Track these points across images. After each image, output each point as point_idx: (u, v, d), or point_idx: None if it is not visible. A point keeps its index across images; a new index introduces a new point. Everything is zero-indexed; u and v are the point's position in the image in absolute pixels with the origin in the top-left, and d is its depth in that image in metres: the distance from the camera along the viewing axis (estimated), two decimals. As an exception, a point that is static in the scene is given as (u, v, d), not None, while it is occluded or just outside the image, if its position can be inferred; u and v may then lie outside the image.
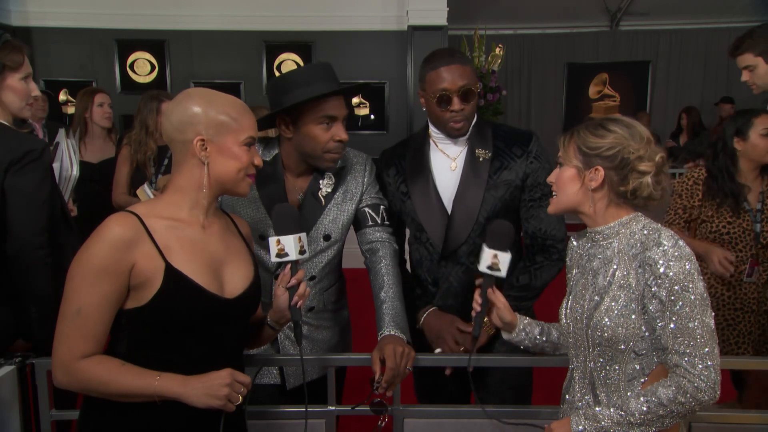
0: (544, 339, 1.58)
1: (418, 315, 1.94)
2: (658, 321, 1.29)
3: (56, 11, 5.92)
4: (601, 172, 1.35)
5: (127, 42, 6.11)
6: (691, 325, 1.26)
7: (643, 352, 1.34)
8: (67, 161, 2.90)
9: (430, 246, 1.91)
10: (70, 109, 5.95)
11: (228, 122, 1.33)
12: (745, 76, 2.76)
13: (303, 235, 1.45)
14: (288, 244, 1.43)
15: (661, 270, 1.27)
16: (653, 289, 1.29)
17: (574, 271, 1.50)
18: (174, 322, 1.29)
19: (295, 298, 1.43)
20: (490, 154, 1.88)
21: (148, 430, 1.33)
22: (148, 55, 6.17)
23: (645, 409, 1.28)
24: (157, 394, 1.26)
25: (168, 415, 1.31)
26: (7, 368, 1.67)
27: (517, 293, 1.86)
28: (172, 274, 1.27)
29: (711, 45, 8.14)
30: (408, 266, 2.06)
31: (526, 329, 1.57)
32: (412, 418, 1.77)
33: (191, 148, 1.32)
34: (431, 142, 1.95)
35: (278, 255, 1.43)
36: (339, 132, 1.71)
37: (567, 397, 1.50)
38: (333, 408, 1.75)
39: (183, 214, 1.35)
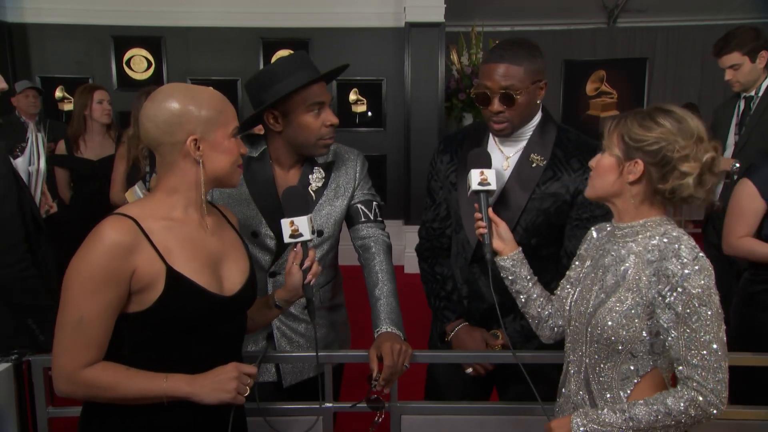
0: (528, 285, 1.57)
1: (448, 328, 1.89)
2: (671, 332, 1.27)
3: (52, 7, 5.88)
4: (641, 166, 1.30)
5: (124, 38, 6.08)
6: (705, 338, 1.24)
7: (640, 354, 1.33)
8: (35, 155, 2.81)
9: (467, 244, 1.85)
10: (67, 106, 5.93)
11: (216, 116, 1.31)
12: (728, 75, 2.89)
13: (312, 215, 1.53)
14: (302, 225, 1.50)
15: (679, 282, 1.24)
16: (668, 300, 1.26)
17: (587, 263, 1.49)
18: (176, 324, 1.29)
19: (309, 276, 1.50)
20: (545, 162, 1.75)
21: (152, 430, 1.32)
22: (144, 52, 6.14)
23: (653, 418, 1.27)
24: (167, 395, 1.26)
25: (172, 414, 1.31)
26: (4, 365, 1.67)
27: None
28: (173, 277, 1.26)
29: (708, 42, 8.04)
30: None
31: (516, 260, 1.57)
32: (410, 414, 1.77)
33: (183, 149, 1.29)
34: (491, 136, 1.85)
35: (292, 236, 1.50)
36: (329, 117, 1.71)
37: (563, 391, 1.50)
38: (330, 405, 1.75)
39: (177, 213, 1.33)
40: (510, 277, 1.59)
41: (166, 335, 1.29)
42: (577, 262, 1.55)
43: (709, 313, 1.24)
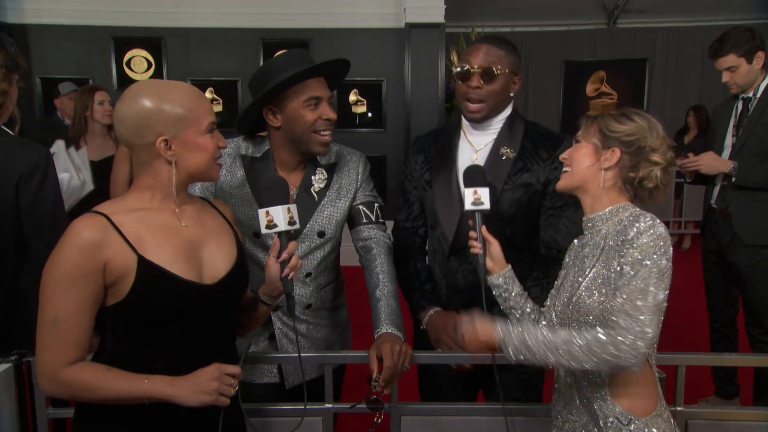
0: (521, 301, 1.61)
1: (421, 315, 1.90)
2: (620, 288, 1.31)
3: (52, 8, 5.89)
4: (617, 154, 1.41)
5: (124, 39, 6.08)
6: (638, 287, 1.29)
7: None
8: (83, 175, 2.92)
9: (444, 239, 1.88)
10: (67, 107, 5.94)
11: (185, 114, 1.28)
12: (726, 77, 2.85)
13: (293, 206, 1.46)
14: (276, 215, 1.43)
15: (631, 241, 1.32)
16: (621, 260, 1.33)
17: (569, 266, 1.52)
18: (154, 313, 1.27)
19: (287, 269, 1.43)
20: (514, 154, 1.82)
21: (145, 430, 1.31)
22: (144, 53, 6.15)
23: (567, 338, 1.30)
24: (147, 397, 1.25)
25: (165, 417, 1.30)
26: (4, 366, 1.67)
27: None
28: (145, 265, 1.25)
29: (708, 43, 8.00)
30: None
31: (507, 277, 1.62)
32: (410, 415, 1.77)
33: (155, 150, 1.28)
34: (461, 130, 1.91)
35: (268, 226, 1.43)
36: (326, 111, 1.70)
37: (555, 386, 1.53)
38: (330, 405, 1.75)
39: (154, 204, 1.33)
40: (503, 295, 1.62)
41: (148, 326, 1.28)
42: (562, 271, 1.58)
43: (650, 265, 1.29)
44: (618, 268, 1.33)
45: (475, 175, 1.63)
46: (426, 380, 2.06)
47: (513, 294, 1.61)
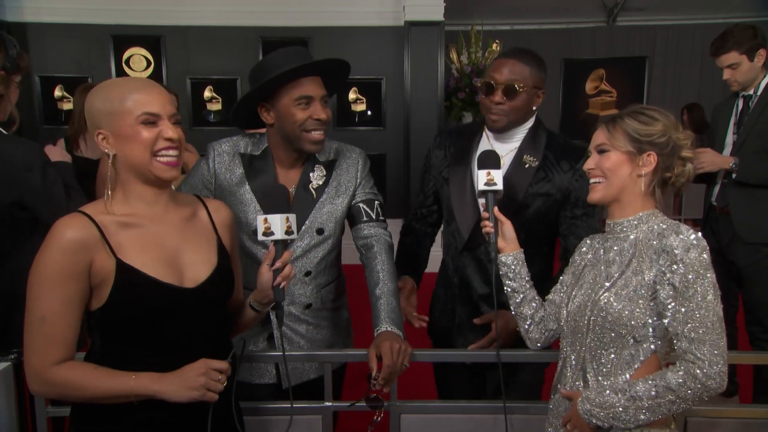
0: (526, 286, 1.62)
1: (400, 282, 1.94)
2: (669, 307, 1.30)
3: (51, 7, 5.88)
4: (654, 157, 1.39)
5: (123, 38, 6.07)
6: (702, 312, 1.28)
7: (641, 338, 1.35)
8: None
9: (458, 235, 1.93)
10: (66, 106, 5.93)
11: (118, 106, 1.27)
12: (727, 74, 2.86)
13: (292, 216, 1.46)
14: (274, 223, 1.43)
15: (678, 257, 1.29)
16: (667, 275, 1.30)
17: (583, 265, 1.51)
18: (136, 316, 1.28)
19: (279, 278, 1.43)
20: (537, 163, 1.85)
21: (139, 428, 1.31)
22: (144, 51, 6.13)
23: (653, 393, 1.29)
24: (134, 394, 1.25)
25: (159, 414, 1.30)
26: (3, 365, 1.67)
27: None
28: (123, 270, 1.26)
29: (708, 41, 7.95)
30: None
31: (518, 258, 1.62)
32: (409, 413, 1.77)
33: (100, 145, 1.29)
34: (485, 134, 1.94)
35: (265, 234, 1.43)
36: (317, 111, 1.70)
37: (558, 387, 1.52)
38: (330, 404, 1.75)
39: (129, 208, 1.32)
40: (510, 275, 1.63)
41: (134, 329, 1.29)
42: (570, 269, 1.57)
43: (705, 285, 1.28)
44: (664, 283, 1.31)
45: (489, 159, 1.67)
46: (441, 377, 2.12)
47: (520, 276, 1.62)
